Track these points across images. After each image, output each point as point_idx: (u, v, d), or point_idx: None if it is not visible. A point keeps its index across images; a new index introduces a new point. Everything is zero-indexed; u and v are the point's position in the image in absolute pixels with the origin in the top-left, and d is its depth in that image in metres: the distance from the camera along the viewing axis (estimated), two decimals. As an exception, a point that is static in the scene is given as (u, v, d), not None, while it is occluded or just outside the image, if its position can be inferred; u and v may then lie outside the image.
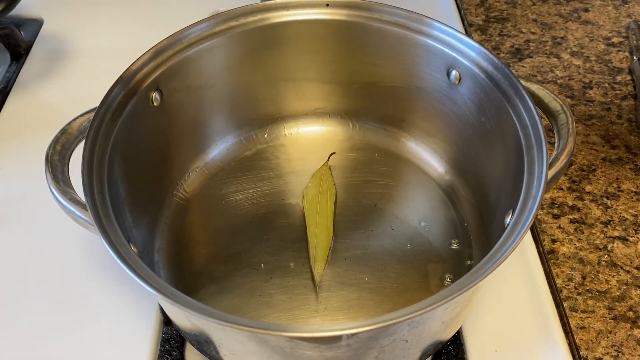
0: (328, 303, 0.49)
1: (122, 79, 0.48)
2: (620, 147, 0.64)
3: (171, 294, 0.36)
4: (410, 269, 0.51)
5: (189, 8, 0.78)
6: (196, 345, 0.45)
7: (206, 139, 0.58)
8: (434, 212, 0.55)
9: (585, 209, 0.58)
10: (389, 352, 0.40)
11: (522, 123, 0.46)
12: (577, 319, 0.51)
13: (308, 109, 0.61)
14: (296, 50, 0.56)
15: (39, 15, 0.80)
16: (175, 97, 0.52)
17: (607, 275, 0.54)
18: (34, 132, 0.64)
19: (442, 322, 0.42)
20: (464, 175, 0.55)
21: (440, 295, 0.36)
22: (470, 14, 0.81)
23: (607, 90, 0.70)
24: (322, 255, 0.51)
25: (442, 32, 0.52)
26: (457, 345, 0.48)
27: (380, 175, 0.58)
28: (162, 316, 0.50)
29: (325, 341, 0.37)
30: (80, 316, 0.50)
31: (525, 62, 0.74)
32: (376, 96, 0.59)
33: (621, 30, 0.77)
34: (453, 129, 0.55)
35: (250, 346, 0.39)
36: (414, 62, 0.54)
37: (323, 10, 0.55)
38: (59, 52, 0.74)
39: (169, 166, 0.55)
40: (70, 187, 0.43)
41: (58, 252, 0.54)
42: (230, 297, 0.49)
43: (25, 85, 0.70)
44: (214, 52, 0.54)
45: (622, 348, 0.49)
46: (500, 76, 0.48)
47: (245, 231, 0.54)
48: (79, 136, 0.46)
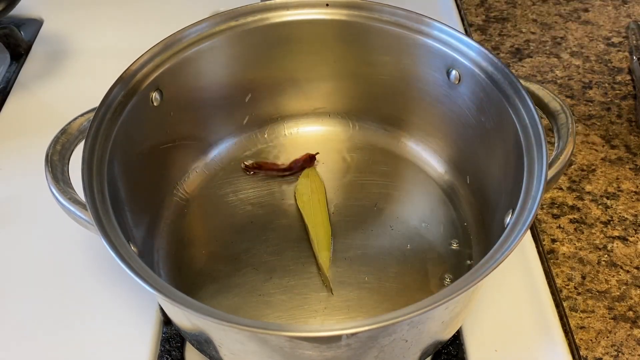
0: (328, 303, 0.49)
1: (122, 79, 0.48)
2: (620, 147, 0.64)
3: (171, 294, 0.36)
4: (410, 269, 0.51)
5: (189, 8, 0.78)
6: (196, 345, 0.45)
7: (206, 139, 0.58)
8: (433, 212, 0.55)
9: (585, 209, 0.58)
10: (389, 351, 0.40)
11: (522, 123, 0.46)
12: (576, 318, 0.51)
13: (308, 109, 0.61)
14: (296, 50, 0.56)
15: (39, 15, 0.80)
16: (175, 97, 0.52)
17: (607, 275, 0.54)
18: (34, 132, 0.64)
19: (442, 321, 0.42)
20: (464, 175, 0.55)
21: (440, 295, 0.36)
22: (470, 14, 0.81)
23: (607, 90, 0.70)
24: (325, 254, 0.51)
25: (442, 32, 0.52)
26: (457, 345, 0.48)
27: (380, 175, 0.58)
28: (162, 316, 0.50)
29: (325, 341, 0.37)
30: (80, 316, 0.50)
31: (525, 62, 0.74)
32: (376, 96, 0.59)
33: (621, 30, 0.77)
34: (453, 129, 0.55)
35: (250, 346, 0.39)
36: (414, 62, 0.54)
37: (323, 10, 0.55)
38: (59, 52, 0.74)
39: (169, 166, 0.55)
40: (70, 187, 0.44)
41: (58, 252, 0.54)
42: (230, 296, 0.49)
43: (25, 85, 0.70)
44: (214, 52, 0.54)
45: (622, 348, 0.49)
46: (500, 76, 0.48)
47: (245, 231, 0.54)
48: (79, 136, 0.46)
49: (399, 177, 0.58)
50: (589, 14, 0.80)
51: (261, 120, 0.60)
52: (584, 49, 0.75)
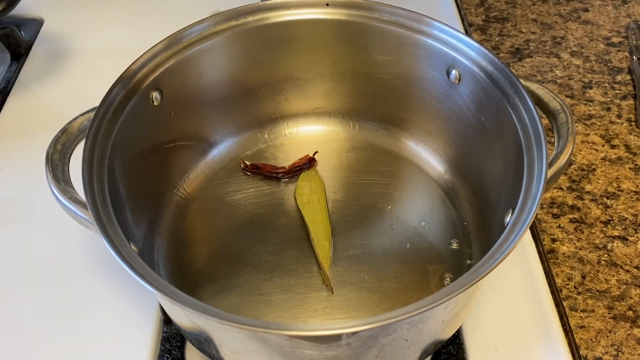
0: (328, 302, 0.49)
1: (123, 79, 0.48)
2: (620, 147, 0.64)
3: (172, 294, 0.37)
4: (410, 269, 0.51)
5: (189, 7, 0.78)
6: (196, 344, 0.45)
7: (206, 138, 0.58)
8: (433, 211, 0.55)
9: (585, 209, 0.58)
10: (389, 351, 0.40)
11: (522, 122, 0.46)
12: (576, 318, 0.51)
13: (308, 108, 0.61)
14: (296, 50, 0.57)
15: (39, 15, 0.80)
16: (175, 97, 0.52)
17: (606, 274, 0.54)
18: (34, 131, 0.64)
19: (442, 321, 0.42)
20: (464, 175, 0.55)
21: (441, 294, 0.36)
22: (470, 14, 0.81)
23: (606, 89, 0.70)
24: (326, 253, 0.51)
25: (442, 32, 0.52)
26: (457, 344, 0.48)
27: (380, 174, 0.58)
28: (162, 315, 0.50)
29: (325, 340, 0.37)
30: (81, 315, 0.50)
31: (525, 62, 0.74)
32: (376, 96, 0.59)
33: (621, 30, 0.77)
34: (453, 128, 0.55)
35: (250, 345, 0.39)
36: (414, 61, 0.54)
37: (323, 10, 0.55)
38: (59, 52, 0.74)
39: (169, 166, 0.55)
40: (71, 187, 0.44)
41: (58, 251, 0.54)
42: (230, 296, 0.49)
43: (26, 85, 0.70)
44: (214, 51, 0.54)
45: (622, 347, 0.49)
46: (500, 76, 0.48)
47: (245, 231, 0.54)
48: (79, 135, 0.46)
49: (399, 177, 0.58)
50: (589, 14, 0.80)
51: (261, 120, 0.60)
52: (584, 48, 0.75)
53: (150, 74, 0.50)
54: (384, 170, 0.58)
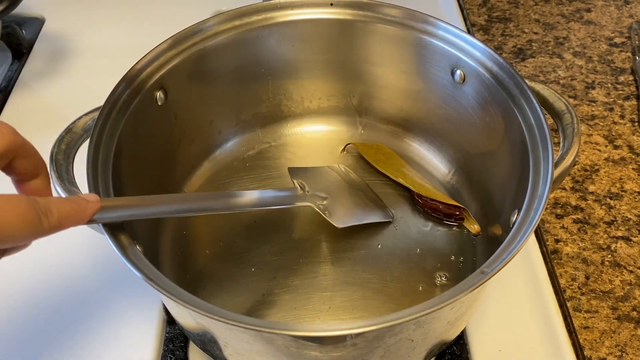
0: (332, 303, 0.49)
1: (127, 78, 0.48)
2: (623, 147, 0.64)
3: (178, 294, 0.36)
4: (414, 269, 0.51)
5: (192, 7, 0.78)
6: (200, 344, 0.45)
7: (210, 138, 0.58)
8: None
9: (589, 209, 0.58)
10: (395, 351, 0.40)
11: (527, 123, 0.46)
12: (580, 318, 0.51)
13: (312, 108, 0.61)
14: (300, 50, 0.56)
15: (41, 14, 0.80)
16: (179, 97, 0.52)
17: (610, 275, 0.54)
18: (35, 131, 0.63)
19: (448, 321, 0.42)
20: (469, 175, 0.55)
21: (447, 294, 0.36)
22: (472, 14, 0.81)
23: (609, 90, 0.70)
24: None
25: (446, 32, 0.52)
26: (461, 345, 0.48)
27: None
28: (165, 315, 0.50)
29: (332, 341, 0.37)
30: (84, 316, 0.50)
31: (527, 62, 0.74)
32: (380, 96, 0.58)
33: (623, 30, 0.77)
34: (457, 128, 0.55)
35: (255, 346, 0.39)
36: (418, 61, 0.54)
37: (327, 10, 0.55)
38: (61, 51, 0.74)
39: (173, 165, 0.55)
40: (75, 186, 0.43)
41: (62, 251, 0.54)
42: (233, 296, 0.49)
43: (27, 84, 0.70)
44: (218, 51, 0.54)
45: (626, 348, 0.49)
46: (505, 76, 0.48)
47: (249, 231, 0.53)
48: (83, 135, 0.46)
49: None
50: (592, 14, 0.80)
51: (264, 120, 0.60)
52: (587, 49, 0.75)
53: (154, 74, 0.49)
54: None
